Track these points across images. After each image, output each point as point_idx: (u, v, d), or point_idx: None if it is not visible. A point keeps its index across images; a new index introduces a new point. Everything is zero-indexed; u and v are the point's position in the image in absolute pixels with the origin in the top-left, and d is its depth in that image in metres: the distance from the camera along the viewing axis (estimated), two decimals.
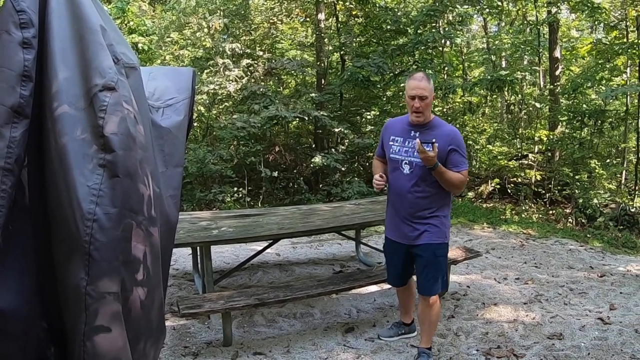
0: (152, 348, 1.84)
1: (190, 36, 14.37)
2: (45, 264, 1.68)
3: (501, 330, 5.12)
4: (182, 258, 7.45)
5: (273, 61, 13.98)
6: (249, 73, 13.47)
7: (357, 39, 15.02)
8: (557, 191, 12.79)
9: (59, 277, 1.62)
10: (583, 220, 11.41)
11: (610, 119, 13.25)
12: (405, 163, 4.10)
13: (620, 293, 6.24)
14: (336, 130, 12.68)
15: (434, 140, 3.80)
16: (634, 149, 13.30)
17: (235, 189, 12.09)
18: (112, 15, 11.48)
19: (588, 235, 9.85)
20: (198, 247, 5.92)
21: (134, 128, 1.72)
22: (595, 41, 14.53)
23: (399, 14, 14.22)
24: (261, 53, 13.97)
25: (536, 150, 13.89)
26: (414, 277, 4.47)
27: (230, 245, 7.68)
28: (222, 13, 14.28)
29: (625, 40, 13.26)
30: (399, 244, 4.29)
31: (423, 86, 3.96)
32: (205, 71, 13.43)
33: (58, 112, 1.60)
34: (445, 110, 14.08)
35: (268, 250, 6.60)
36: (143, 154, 1.76)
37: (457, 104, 14.95)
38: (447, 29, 13.45)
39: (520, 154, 14.02)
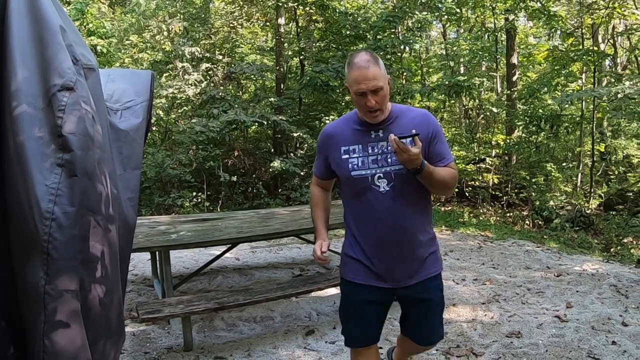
0: (112, 349, 1.84)
1: (150, 39, 14.27)
2: (3, 262, 1.66)
3: (460, 330, 5.19)
4: (141, 263, 7.39)
5: (232, 65, 13.97)
6: (208, 77, 13.43)
7: (317, 44, 15.11)
8: (514, 194, 13.05)
9: (18, 275, 1.61)
10: (540, 222, 11.67)
11: (566, 124, 13.55)
12: (380, 177, 2.83)
13: (577, 291, 6.37)
14: (295, 134, 12.72)
15: (414, 130, 2.68)
16: (589, 153, 13.61)
17: (194, 193, 12.04)
18: (71, 16, 11.34)
19: (545, 237, 10.07)
20: (157, 252, 5.87)
21: (92, 128, 1.72)
22: (551, 48, 14.87)
23: (358, 19, 14.32)
24: (221, 57, 13.94)
25: (493, 154, 14.16)
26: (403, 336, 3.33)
27: (189, 250, 7.64)
28: (182, 16, 14.22)
29: (580, 47, 13.59)
30: (377, 290, 2.96)
31: (372, 74, 2.69)
32: (165, 75, 13.35)
33: (17, 111, 1.59)
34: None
35: (227, 254, 6.59)
36: (101, 154, 1.76)
37: None
38: (406, 34, 13.59)
39: (478, 158, 14.25)
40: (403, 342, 3.38)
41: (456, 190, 13.64)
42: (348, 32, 13.88)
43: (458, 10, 14.64)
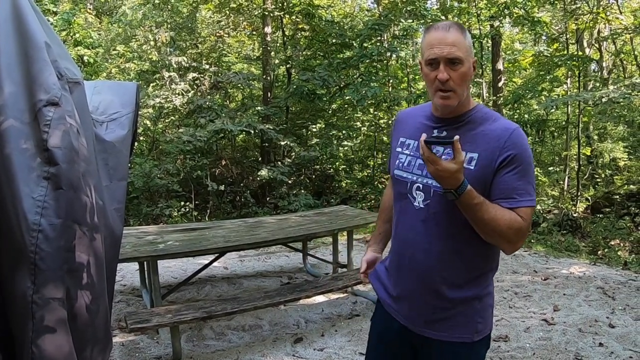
0: (99, 356, 1.86)
1: (137, 49, 14.25)
2: None
3: None
4: (129, 274, 7.38)
5: (219, 74, 13.98)
6: (195, 86, 13.43)
7: (304, 53, 15.15)
8: None
9: (6, 285, 1.64)
10: None
11: (552, 128, 13.67)
12: (419, 188, 2.21)
13: (564, 295, 6.44)
14: (282, 143, 12.76)
15: (456, 137, 1.92)
16: (575, 157, 13.72)
17: (182, 203, 12.02)
18: (58, 27, 11.36)
19: (532, 241, 10.13)
20: (145, 262, 5.88)
21: (77, 142, 1.75)
22: (536, 53, 15.00)
23: (345, 28, 14.39)
24: (208, 66, 13.94)
25: None
26: None
27: (177, 259, 7.64)
28: (169, 26, 14.23)
29: (565, 52, 13.71)
30: (395, 325, 2.34)
31: (453, 39, 2.05)
32: (151, 84, 13.35)
33: (3, 126, 1.63)
34: (390, 122, 14.31)
35: (216, 263, 6.60)
36: (86, 167, 1.79)
37: None
38: (392, 42, 13.66)
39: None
40: None
41: None
42: (334, 41, 13.95)
43: (443, 18, 14.73)
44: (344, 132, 14.14)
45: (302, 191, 13.05)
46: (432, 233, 2.15)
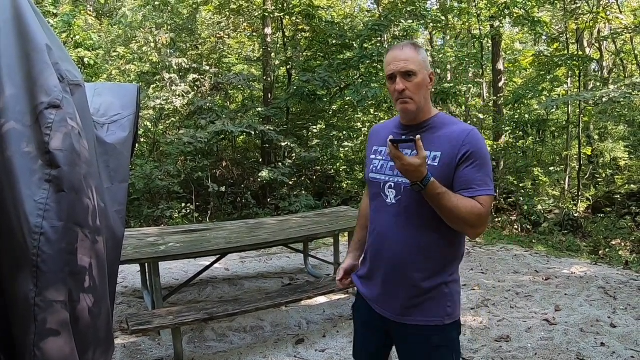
0: (102, 358, 1.86)
1: (137, 50, 14.25)
2: None
3: None
4: (130, 275, 7.38)
5: (220, 76, 13.97)
6: (195, 88, 13.44)
7: (304, 54, 15.15)
8: (502, 199, 13.11)
9: (8, 288, 1.64)
10: (528, 227, 11.74)
11: (553, 128, 13.66)
12: (390, 187, 2.51)
13: (565, 294, 6.43)
14: (283, 144, 12.75)
15: (417, 136, 2.21)
16: (576, 156, 13.71)
17: (183, 204, 12.01)
18: (58, 29, 11.34)
19: (533, 241, 10.13)
20: (146, 264, 5.88)
21: (78, 144, 1.75)
22: (537, 53, 14.99)
23: (345, 28, 14.38)
24: (208, 68, 13.94)
25: None
26: None
27: (178, 261, 7.64)
28: (169, 27, 14.24)
29: (565, 52, 13.70)
30: (376, 315, 2.61)
31: (405, 56, 2.42)
32: (152, 86, 13.35)
33: (5, 128, 1.63)
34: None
35: (217, 265, 6.60)
36: (87, 169, 1.80)
37: None
38: (392, 43, 13.64)
39: None
40: None
41: None
42: (335, 41, 13.94)
43: (443, 18, 14.75)
44: (344, 132, 14.13)
45: (303, 192, 13.06)
46: (404, 225, 2.43)
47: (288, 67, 14.88)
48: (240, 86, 14.76)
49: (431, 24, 14.82)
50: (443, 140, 2.40)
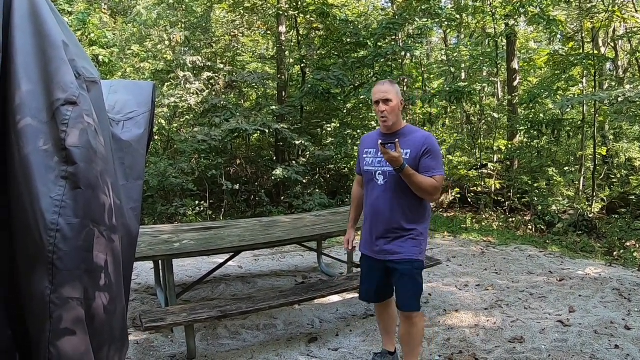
0: (116, 356, 1.86)
1: (151, 48, 14.30)
2: (8, 273, 1.69)
3: (463, 335, 5.20)
4: (144, 272, 7.41)
5: (234, 74, 13.99)
6: (209, 86, 13.46)
7: (318, 52, 15.14)
8: (516, 199, 13.05)
9: (23, 286, 1.64)
10: (542, 227, 11.66)
11: (568, 128, 13.56)
12: (379, 174, 3.94)
13: (580, 296, 6.38)
14: (297, 142, 12.74)
15: (396, 140, 3.66)
16: (591, 157, 13.61)
17: (197, 202, 12.05)
18: (73, 27, 11.40)
19: (547, 241, 10.06)
20: (160, 261, 5.89)
21: (94, 141, 1.75)
22: (552, 52, 14.88)
23: (359, 27, 14.36)
24: (222, 66, 13.96)
25: (495, 160, 14.16)
26: (394, 298, 4.14)
27: (192, 258, 7.66)
28: (183, 26, 14.27)
29: (581, 51, 13.59)
30: (374, 260, 4.05)
31: (385, 89, 3.87)
32: (166, 84, 13.39)
33: (21, 124, 1.63)
34: (405, 121, 14.28)
35: (230, 263, 6.61)
36: (104, 166, 1.79)
37: (417, 115, 15.12)
38: (406, 41, 13.62)
39: (480, 164, 14.25)
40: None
41: (458, 195, 13.70)
42: (349, 40, 13.89)
43: (458, 17, 14.71)
44: (358, 131, 14.10)
45: (317, 190, 13.06)
46: (390, 197, 3.91)
47: (302, 65, 14.86)
48: (254, 84, 14.78)
49: (446, 23, 14.77)
50: (411, 142, 3.87)
